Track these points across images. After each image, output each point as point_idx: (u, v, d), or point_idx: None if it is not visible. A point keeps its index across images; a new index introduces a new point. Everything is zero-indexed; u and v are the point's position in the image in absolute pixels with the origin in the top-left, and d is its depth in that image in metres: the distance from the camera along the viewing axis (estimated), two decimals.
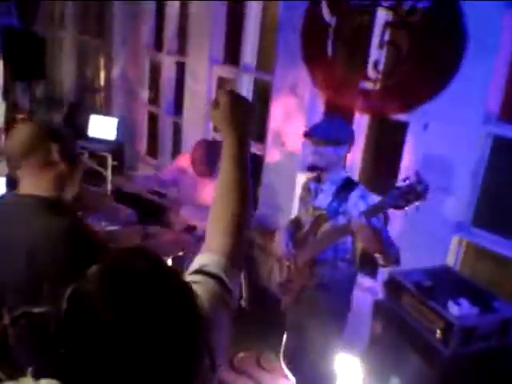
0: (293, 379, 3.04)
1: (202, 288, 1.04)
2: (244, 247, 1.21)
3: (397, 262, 2.47)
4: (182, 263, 3.20)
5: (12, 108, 6.46)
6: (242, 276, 2.86)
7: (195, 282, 1.04)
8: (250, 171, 1.23)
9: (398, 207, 2.18)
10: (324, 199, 2.59)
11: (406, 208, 2.18)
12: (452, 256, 3.13)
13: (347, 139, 2.56)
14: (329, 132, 2.53)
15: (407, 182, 2.16)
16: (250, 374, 3.38)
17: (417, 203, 2.15)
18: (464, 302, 2.44)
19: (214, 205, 1.21)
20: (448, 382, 2.37)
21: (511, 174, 2.97)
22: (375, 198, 2.40)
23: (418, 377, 2.49)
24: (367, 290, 3.50)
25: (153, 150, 6.28)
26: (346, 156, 2.61)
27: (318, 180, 2.68)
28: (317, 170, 2.63)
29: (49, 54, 6.75)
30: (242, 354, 3.48)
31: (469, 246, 3.14)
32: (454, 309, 2.41)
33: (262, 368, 3.47)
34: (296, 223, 2.83)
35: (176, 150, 5.83)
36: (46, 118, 7.26)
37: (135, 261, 0.88)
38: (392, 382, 2.60)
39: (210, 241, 1.19)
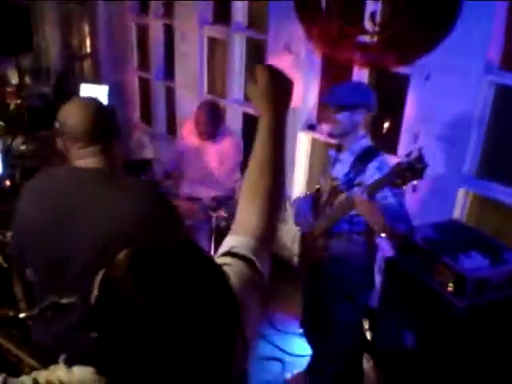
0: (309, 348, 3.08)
1: (231, 270, 1.02)
2: (276, 228, 1.18)
3: (405, 240, 2.42)
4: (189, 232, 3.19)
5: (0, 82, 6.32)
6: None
7: (225, 264, 1.02)
8: (284, 150, 1.21)
9: (396, 185, 2.09)
10: (341, 169, 2.50)
11: (404, 187, 2.09)
12: (458, 209, 3.12)
13: (364, 104, 2.41)
14: (342, 98, 2.41)
15: (409, 158, 2.06)
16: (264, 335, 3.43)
17: (414, 182, 2.05)
18: (475, 255, 2.45)
19: (247, 181, 1.18)
20: (462, 334, 2.40)
21: None
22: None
23: (433, 331, 2.52)
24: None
25: (146, 116, 6.18)
26: (365, 122, 2.46)
27: (338, 148, 2.58)
28: (334, 137, 2.56)
29: (32, 24, 6.54)
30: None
31: (475, 197, 3.13)
32: (465, 262, 2.42)
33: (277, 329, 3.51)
34: (317, 193, 2.75)
35: (170, 115, 5.74)
36: (36, 90, 7.12)
37: (163, 243, 0.87)
38: (406, 337, 2.63)
39: (240, 219, 1.16)
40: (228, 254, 1.08)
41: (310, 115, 4.03)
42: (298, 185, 4.22)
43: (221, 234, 3.35)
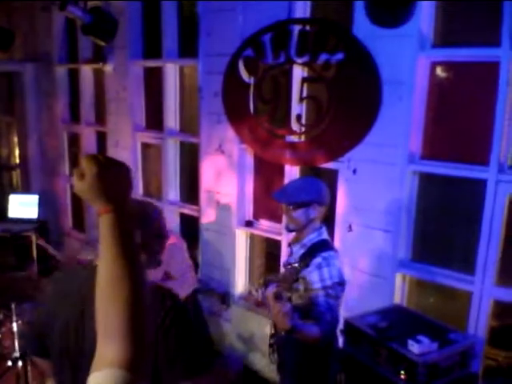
0: None
1: None
2: (147, 353, 0.97)
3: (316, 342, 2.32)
4: None
5: None
6: None
7: None
8: (137, 254, 1.02)
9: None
10: (292, 260, 2.55)
11: None
12: (398, 293, 3.20)
13: (317, 200, 2.47)
14: (295, 195, 2.48)
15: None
16: None
17: None
18: (423, 339, 2.47)
19: (98, 307, 0.97)
20: None
21: (440, 207, 3.13)
22: (326, 273, 2.35)
23: None
24: None
25: (79, 223, 6.05)
26: (320, 215, 2.51)
27: (295, 240, 2.62)
28: (290, 231, 2.61)
29: None
30: None
31: (412, 281, 3.24)
32: (414, 347, 2.44)
33: None
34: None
35: None
36: None
37: None
38: None
39: (100, 351, 0.94)
40: None
41: (247, 212, 4.11)
42: (239, 281, 4.20)
43: None
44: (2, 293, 3.07)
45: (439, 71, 3.03)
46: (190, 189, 4.62)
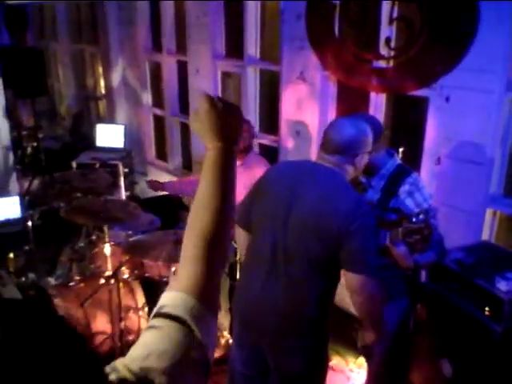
0: None
1: (156, 335, 0.83)
2: (217, 287, 0.98)
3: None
4: None
5: (16, 126, 6.42)
6: None
7: (151, 328, 0.86)
8: (234, 188, 1.05)
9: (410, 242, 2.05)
10: (374, 194, 2.44)
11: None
12: (487, 230, 3.05)
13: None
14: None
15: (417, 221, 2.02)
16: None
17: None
18: (510, 276, 2.36)
19: (187, 225, 1.00)
20: (502, 358, 2.31)
21: None
22: (419, 197, 2.30)
23: (471, 357, 2.43)
24: None
25: (162, 153, 6.22)
26: (378, 148, 2.30)
27: (367, 172, 2.44)
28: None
29: (46, 67, 6.69)
30: None
31: (502, 217, 3.06)
32: (501, 284, 2.34)
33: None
34: None
35: (186, 151, 5.77)
36: (51, 133, 7.22)
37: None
38: (444, 366, 2.53)
39: (178, 272, 0.97)
40: (157, 315, 0.88)
41: None
42: None
43: None
44: (95, 215, 3.23)
45: None
46: (270, 119, 4.57)
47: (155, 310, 0.89)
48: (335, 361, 3.32)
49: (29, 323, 0.71)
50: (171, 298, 0.89)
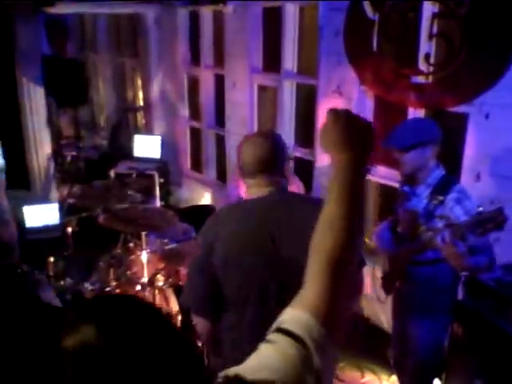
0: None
1: (271, 349, 0.82)
2: (343, 311, 0.93)
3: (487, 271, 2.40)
4: None
5: (57, 135, 6.62)
6: None
7: (268, 342, 0.85)
8: (363, 205, 1.04)
9: (476, 234, 2.09)
10: (418, 203, 2.49)
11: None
12: None
13: (431, 139, 2.41)
14: (406, 139, 2.40)
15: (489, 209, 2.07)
16: None
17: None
18: None
19: (313, 242, 0.97)
20: None
21: None
22: (469, 204, 2.32)
23: (506, 378, 2.37)
24: None
25: (197, 164, 6.31)
26: (435, 153, 2.45)
27: (411, 182, 2.56)
28: (406, 176, 2.57)
29: (87, 78, 6.89)
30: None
31: None
32: None
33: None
34: (394, 221, 2.69)
35: (220, 163, 5.83)
36: (90, 142, 7.39)
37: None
38: None
39: (302, 291, 0.93)
40: (276, 330, 0.86)
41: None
42: None
43: None
44: (134, 222, 3.30)
45: None
46: (305, 132, 4.59)
47: (275, 324, 0.88)
48: (368, 378, 3.30)
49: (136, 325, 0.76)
50: (290, 315, 0.88)
